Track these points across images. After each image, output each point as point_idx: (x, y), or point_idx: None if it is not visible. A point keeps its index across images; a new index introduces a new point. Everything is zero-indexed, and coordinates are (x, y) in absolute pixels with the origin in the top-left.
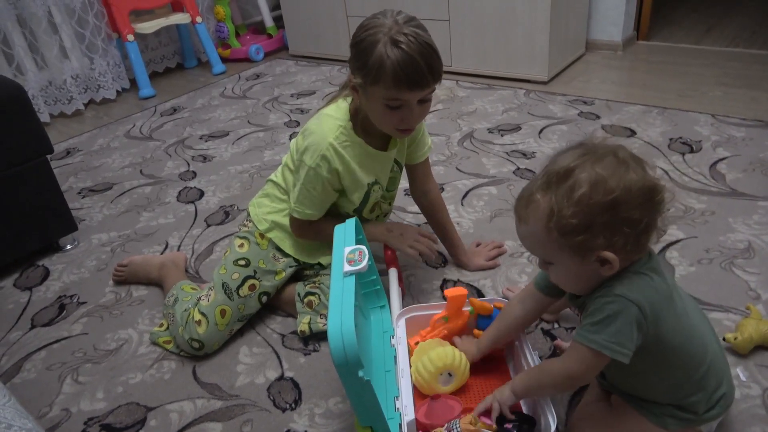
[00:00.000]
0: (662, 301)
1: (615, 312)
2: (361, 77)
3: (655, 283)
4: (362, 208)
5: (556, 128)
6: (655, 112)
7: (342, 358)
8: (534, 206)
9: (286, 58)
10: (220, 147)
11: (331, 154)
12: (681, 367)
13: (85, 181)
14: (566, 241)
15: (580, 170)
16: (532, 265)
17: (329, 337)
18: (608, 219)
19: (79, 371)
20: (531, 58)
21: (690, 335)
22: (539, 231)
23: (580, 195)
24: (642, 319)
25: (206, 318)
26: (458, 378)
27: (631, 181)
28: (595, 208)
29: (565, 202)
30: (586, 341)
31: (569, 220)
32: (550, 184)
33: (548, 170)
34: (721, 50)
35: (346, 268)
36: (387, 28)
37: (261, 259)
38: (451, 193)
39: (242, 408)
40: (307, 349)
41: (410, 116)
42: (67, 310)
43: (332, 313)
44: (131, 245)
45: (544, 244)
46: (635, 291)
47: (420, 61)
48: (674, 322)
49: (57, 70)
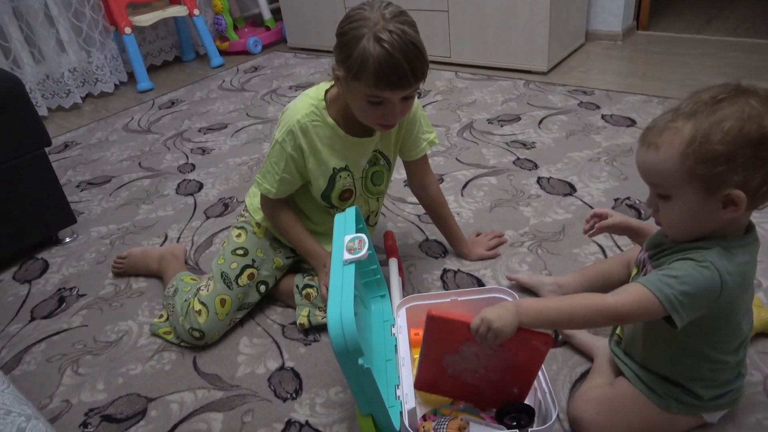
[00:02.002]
0: (743, 285)
1: (700, 277)
2: (343, 70)
3: (746, 264)
4: (329, 194)
5: (556, 118)
6: (656, 102)
7: (342, 346)
8: (672, 132)
9: (285, 51)
10: (219, 139)
11: (297, 131)
12: (720, 342)
13: (84, 174)
14: (701, 170)
15: (731, 102)
16: (532, 254)
17: (329, 325)
18: (752, 154)
19: (79, 363)
20: (531, 48)
21: (742, 319)
22: (672, 157)
23: (731, 125)
24: (718, 296)
25: (206, 308)
26: None
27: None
28: (743, 140)
29: (713, 129)
30: (654, 288)
31: (714, 146)
32: (696, 112)
33: (695, 99)
34: (721, 40)
35: (345, 257)
36: (372, 22)
37: (258, 248)
38: (451, 183)
39: (243, 398)
40: (308, 340)
41: (392, 113)
42: (66, 303)
43: (332, 302)
44: (130, 238)
45: (672, 172)
46: (727, 265)
47: (402, 62)
48: (741, 303)
49: (54, 63)
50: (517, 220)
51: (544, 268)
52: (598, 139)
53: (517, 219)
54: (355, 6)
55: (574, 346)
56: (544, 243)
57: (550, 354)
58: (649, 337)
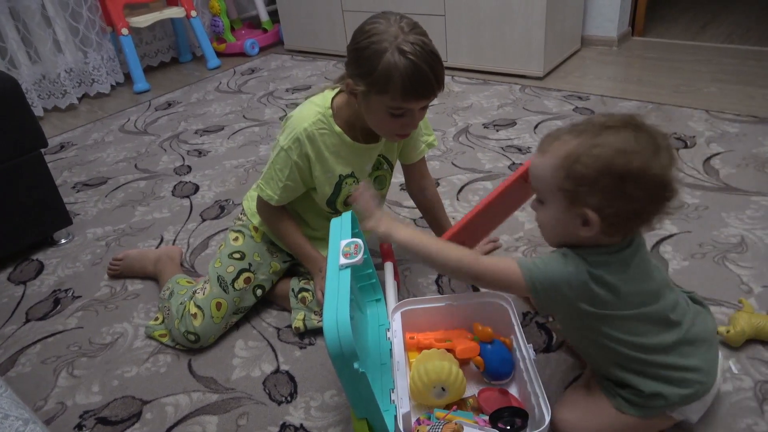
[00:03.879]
0: (608, 286)
1: (558, 262)
2: (365, 85)
3: (607, 267)
4: (334, 200)
5: (551, 123)
6: (650, 108)
7: (337, 349)
8: (559, 143)
9: (282, 53)
10: (216, 141)
11: (304, 139)
12: (629, 336)
13: (80, 175)
14: (566, 185)
15: (615, 132)
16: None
17: (324, 329)
18: (611, 185)
19: (75, 365)
20: (527, 53)
21: (646, 324)
22: (550, 166)
23: (603, 152)
24: (577, 281)
25: (202, 311)
26: (452, 393)
27: (654, 166)
28: (607, 170)
29: (588, 151)
30: (521, 261)
31: (581, 167)
32: (584, 132)
33: (591, 120)
34: (716, 46)
35: (341, 261)
36: (392, 36)
37: (256, 252)
38: (447, 187)
39: (238, 401)
40: (303, 343)
41: (411, 123)
42: (61, 304)
43: (328, 306)
44: (126, 239)
45: (547, 179)
46: (582, 263)
47: (428, 72)
48: (632, 285)
49: (51, 63)
50: (512, 224)
51: None
52: None
53: (511, 223)
54: (368, 21)
55: (570, 349)
56: (538, 248)
57: (544, 359)
58: (578, 341)
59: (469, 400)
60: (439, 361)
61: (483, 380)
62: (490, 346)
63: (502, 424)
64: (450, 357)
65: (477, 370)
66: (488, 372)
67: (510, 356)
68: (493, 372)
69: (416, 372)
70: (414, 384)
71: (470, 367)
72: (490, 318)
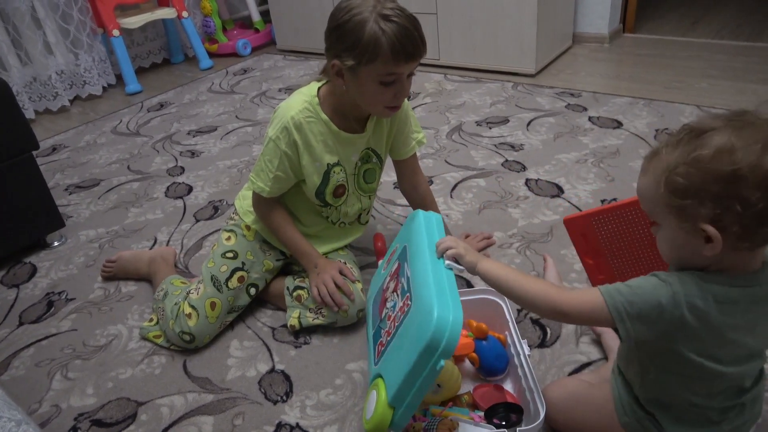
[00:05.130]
0: (710, 324)
1: (651, 288)
2: (353, 58)
3: (723, 302)
4: (323, 190)
5: (544, 120)
6: (642, 104)
7: (437, 344)
8: (657, 159)
9: (274, 53)
10: (209, 142)
11: (291, 127)
12: (687, 378)
13: (72, 177)
14: (672, 201)
15: (713, 133)
16: (520, 255)
17: (437, 321)
18: (722, 191)
19: (69, 367)
20: (519, 51)
21: (718, 366)
22: (652, 184)
23: (699, 156)
24: (669, 316)
25: (196, 311)
26: (447, 390)
27: (764, 161)
28: (711, 175)
29: (681, 160)
30: (606, 292)
31: (678, 179)
32: (680, 141)
33: (689, 126)
34: (706, 42)
35: (447, 262)
36: (370, 6)
37: (248, 251)
38: (440, 185)
39: (234, 401)
40: (298, 342)
41: (402, 90)
42: (55, 307)
43: (440, 299)
44: (119, 241)
45: (653, 199)
46: (692, 290)
47: (413, 31)
48: (710, 344)
49: (41, 65)
50: (506, 221)
51: (532, 269)
52: (586, 141)
53: (505, 220)
54: (341, 1)
55: (600, 343)
56: (532, 244)
57: (539, 354)
58: (628, 355)
59: (464, 397)
60: None
61: (478, 376)
62: (484, 342)
63: (497, 419)
64: None
65: (472, 367)
66: (483, 368)
67: (505, 352)
68: (488, 368)
69: None
70: None
71: (465, 364)
72: (484, 314)
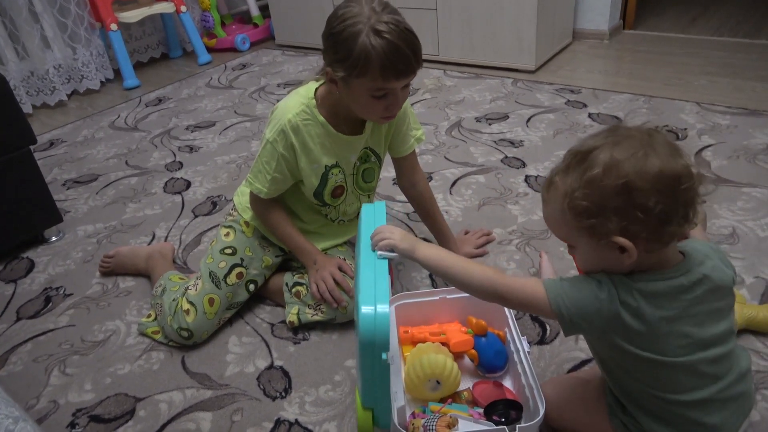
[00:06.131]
0: (650, 324)
1: (588, 283)
2: (343, 70)
3: (656, 299)
4: (322, 191)
5: (544, 117)
6: (642, 101)
7: (370, 338)
8: (553, 188)
9: (273, 48)
10: (207, 137)
11: (289, 130)
12: (655, 383)
13: (70, 172)
14: (580, 224)
15: (597, 152)
16: (520, 252)
17: (361, 315)
18: (621, 203)
19: (67, 363)
20: (518, 47)
21: (682, 372)
22: (557, 212)
23: (592, 177)
24: (608, 306)
25: (195, 307)
26: (446, 387)
27: (648, 166)
28: (607, 191)
29: (576, 184)
30: (548, 283)
31: (580, 202)
32: (569, 167)
33: (572, 150)
34: (706, 39)
35: (381, 252)
36: (365, 17)
37: (247, 247)
38: (440, 181)
39: (232, 397)
40: (297, 338)
41: (395, 102)
42: (53, 302)
43: (365, 292)
44: (117, 236)
45: (561, 225)
46: (619, 283)
47: (405, 49)
48: (664, 345)
49: (39, 60)
50: (505, 218)
51: (531, 266)
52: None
53: (505, 217)
54: (341, 5)
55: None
56: (531, 241)
57: (539, 350)
58: (599, 360)
59: (463, 393)
60: (434, 354)
61: (477, 373)
62: (484, 339)
63: (496, 416)
64: (444, 350)
65: (471, 364)
66: (482, 365)
67: (504, 349)
68: (487, 365)
69: (411, 366)
70: (409, 378)
71: (464, 361)
72: (484, 311)
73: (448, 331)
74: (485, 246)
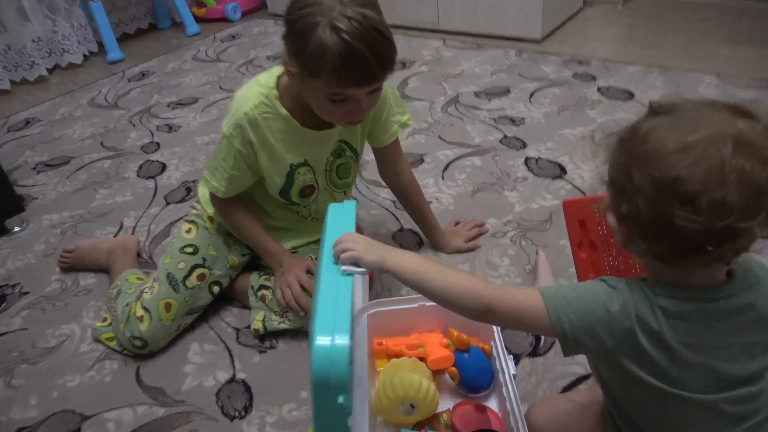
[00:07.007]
0: (667, 349)
1: (598, 291)
2: (297, 66)
3: (677, 321)
4: (288, 190)
5: (548, 91)
6: (656, 73)
7: (323, 377)
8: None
9: (265, 17)
10: (188, 115)
11: (246, 124)
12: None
13: (42, 154)
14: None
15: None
16: (515, 246)
17: (313, 350)
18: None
19: (14, 373)
20: (523, 14)
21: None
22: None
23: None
24: (621, 320)
25: (149, 313)
26: (422, 410)
27: (659, 147)
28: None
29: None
30: (546, 293)
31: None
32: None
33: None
34: (728, 4)
35: (344, 267)
36: (327, 7)
37: (210, 245)
38: (432, 164)
39: (187, 416)
40: (263, 346)
41: (357, 109)
42: (7, 302)
43: (321, 320)
44: (83, 227)
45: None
46: (637, 294)
47: (366, 54)
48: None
49: (16, 33)
50: (501, 206)
51: (527, 261)
52: (593, 115)
53: (500, 205)
54: None
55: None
56: (528, 233)
57: (530, 363)
58: (605, 382)
59: (442, 416)
60: (409, 374)
61: (459, 392)
62: (466, 354)
63: None
64: (422, 368)
65: (452, 381)
66: (464, 384)
67: (489, 365)
68: (469, 384)
69: (382, 386)
70: (379, 399)
71: (445, 376)
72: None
73: (427, 343)
74: (477, 239)
